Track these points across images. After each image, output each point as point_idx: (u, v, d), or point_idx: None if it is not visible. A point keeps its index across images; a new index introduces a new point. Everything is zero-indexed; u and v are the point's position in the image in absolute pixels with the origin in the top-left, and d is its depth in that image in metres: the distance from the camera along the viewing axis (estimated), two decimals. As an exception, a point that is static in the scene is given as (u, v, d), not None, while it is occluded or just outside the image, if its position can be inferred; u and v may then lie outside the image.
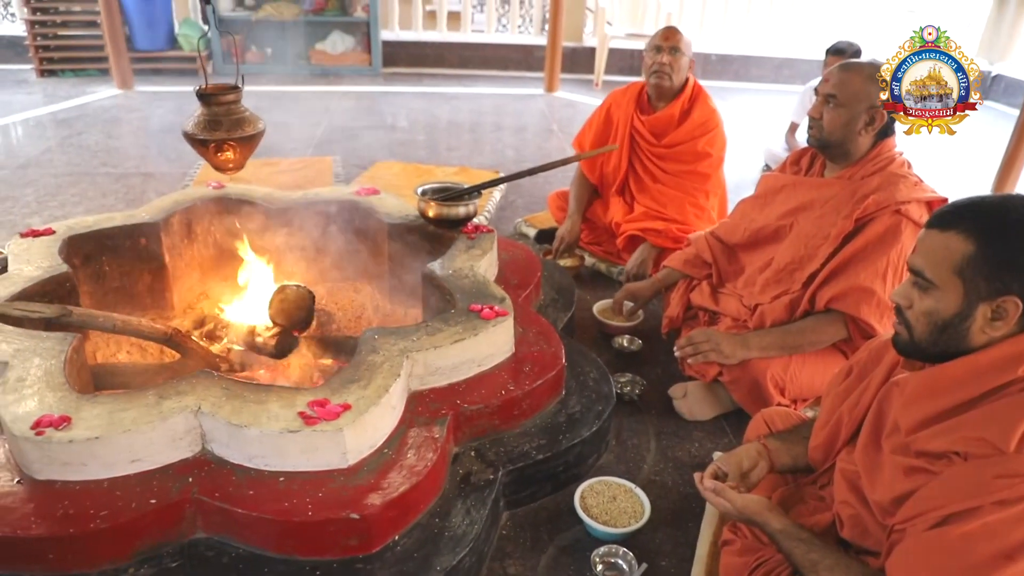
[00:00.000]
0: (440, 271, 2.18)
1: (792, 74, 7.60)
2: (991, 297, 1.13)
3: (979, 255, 1.13)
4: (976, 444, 1.11)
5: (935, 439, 1.17)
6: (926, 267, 1.19)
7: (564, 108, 6.35)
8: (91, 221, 2.38)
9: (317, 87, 6.45)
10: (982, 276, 1.13)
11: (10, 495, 1.47)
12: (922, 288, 1.20)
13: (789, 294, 2.12)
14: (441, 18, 7.57)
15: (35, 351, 1.71)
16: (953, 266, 1.15)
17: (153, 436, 1.51)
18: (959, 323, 1.17)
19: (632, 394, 2.28)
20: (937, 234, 1.18)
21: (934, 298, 1.18)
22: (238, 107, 2.17)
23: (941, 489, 1.13)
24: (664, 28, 3.01)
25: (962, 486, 1.10)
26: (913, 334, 1.23)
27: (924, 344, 1.22)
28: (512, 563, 1.68)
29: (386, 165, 4.43)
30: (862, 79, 1.97)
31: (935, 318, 1.18)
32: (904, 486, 1.20)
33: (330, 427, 1.52)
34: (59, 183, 3.96)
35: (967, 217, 1.17)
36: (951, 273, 1.15)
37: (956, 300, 1.16)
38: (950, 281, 1.16)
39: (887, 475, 1.24)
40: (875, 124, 2.00)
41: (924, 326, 1.20)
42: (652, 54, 2.98)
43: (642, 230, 3.01)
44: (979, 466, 1.10)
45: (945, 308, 1.17)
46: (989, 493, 1.06)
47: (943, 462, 1.16)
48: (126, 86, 6.00)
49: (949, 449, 1.15)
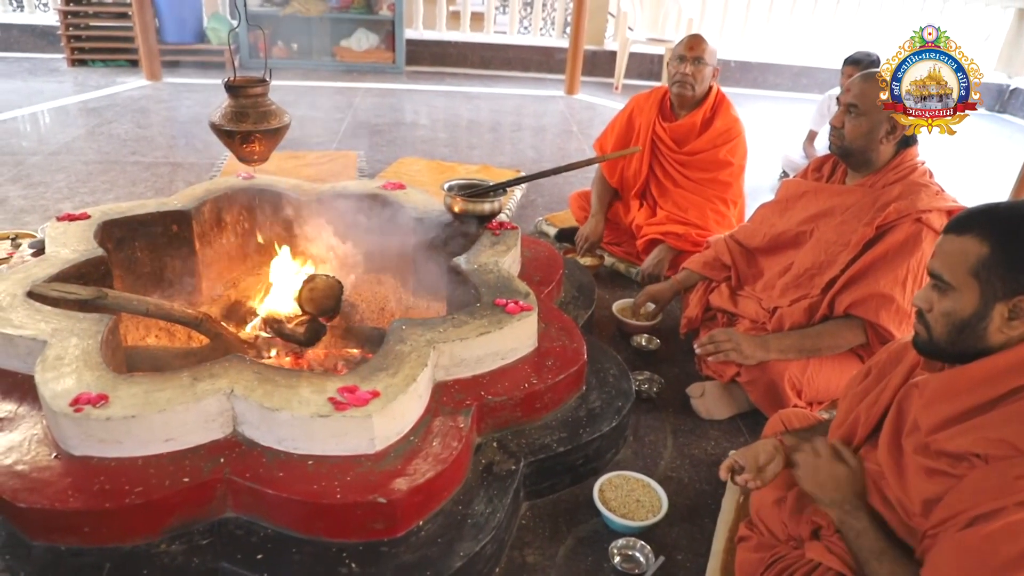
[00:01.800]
0: (466, 265, 2.22)
1: (810, 83, 7.59)
2: (1007, 297, 1.17)
3: (994, 256, 1.17)
4: (997, 445, 1.14)
5: (955, 439, 1.19)
6: (944, 270, 1.23)
7: (584, 110, 6.38)
8: (125, 207, 2.44)
9: (341, 83, 6.51)
10: (997, 276, 1.17)
11: (48, 469, 1.51)
12: (941, 291, 1.24)
13: (808, 298, 2.14)
14: (465, 18, 7.61)
15: (72, 331, 1.76)
16: (969, 268, 1.19)
17: (187, 417, 1.56)
18: (977, 323, 1.20)
19: (650, 392, 2.31)
20: (954, 238, 1.23)
21: (952, 299, 1.22)
22: (265, 100, 2.22)
23: (966, 493, 1.15)
24: (689, 37, 3.01)
25: (985, 488, 1.12)
26: (932, 335, 1.26)
27: (943, 344, 1.25)
28: (531, 552, 1.72)
29: (409, 161, 4.48)
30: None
31: (954, 319, 1.22)
32: (929, 489, 1.21)
33: (359, 413, 1.55)
34: (89, 170, 4.04)
35: (982, 221, 1.21)
36: (967, 275, 1.20)
37: (973, 301, 1.20)
38: (967, 282, 1.20)
39: (911, 476, 1.26)
40: (896, 132, 2.02)
41: (943, 327, 1.24)
42: (676, 63, 3.00)
43: (663, 233, 3.04)
44: (1001, 468, 1.12)
45: (963, 309, 1.21)
46: (1011, 494, 1.08)
47: (964, 465, 1.18)
48: (155, 77, 6.08)
49: (969, 450, 1.17)
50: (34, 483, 1.46)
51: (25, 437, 1.59)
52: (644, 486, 1.85)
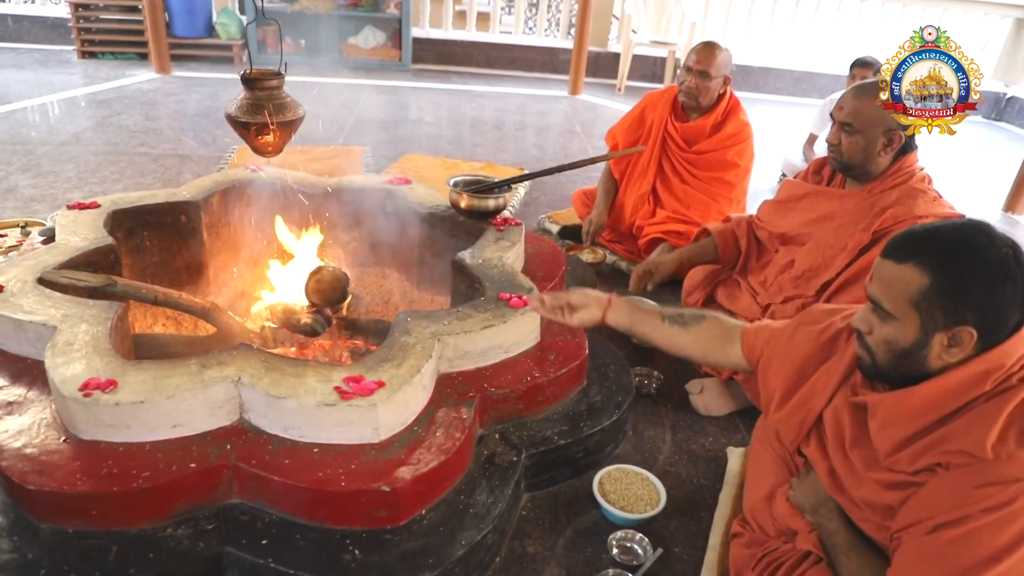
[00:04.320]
0: (470, 260, 2.24)
1: (811, 87, 7.62)
2: (947, 327, 1.16)
3: (934, 288, 1.16)
4: (956, 456, 1.16)
5: (914, 459, 1.21)
6: (884, 298, 1.22)
7: (587, 111, 6.41)
8: (134, 197, 2.46)
9: (348, 79, 6.53)
10: (938, 308, 1.16)
11: (57, 453, 1.53)
12: (881, 317, 1.23)
13: (802, 299, 2.17)
14: (471, 18, 7.64)
15: (82, 317, 1.79)
16: (910, 299, 1.18)
17: (194, 403, 1.58)
18: (917, 351, 1.21)
19: (650, 388, 2.34)
20: (893, 265, 1.21)
21: (892, 327, 1.22)
22: (280, 92, 2.23)
23: (930, 499, 1.17)
24: (700, 47, 2.99)
25: (948, 497, 1.14)
26: (875, 359, 1.27)
27: (886, 369, 1.26)
28: (531, 543, 1.74)
29: (415, 157, 4.50)
30: (876, 104, 2.00)
31: (895, 347, 1.23)
32: (892, 497, 1.24)
33: (364, 403, 1.58)
34: (99, 161, 4.06)
35: (922, 249, 1.19)
36: (908, 305, 1.19)
37: (913, 330, 1.20)
38: (907, 313, 1.19)
39: (866, 486, 1.29)
40: (893, 144, 2.04)
41: (884, 353, 1.25)
42: (684, 73, 3.02)
43: (664, 233, 3.06)
44: (962, 476, 1.14)
45: (904, 337, 1.21)
46: (975, 502, 1.11)
47: (925, 473, 1.20)
48: (164, 71, 6.11)
49: (931, 463, 1.19)
50: (43, 466, 1.49)
51: (34, 421, 1.61)
52: (643, 480, 1.88)
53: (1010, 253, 1.14)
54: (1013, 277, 1.13)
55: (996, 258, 1.14)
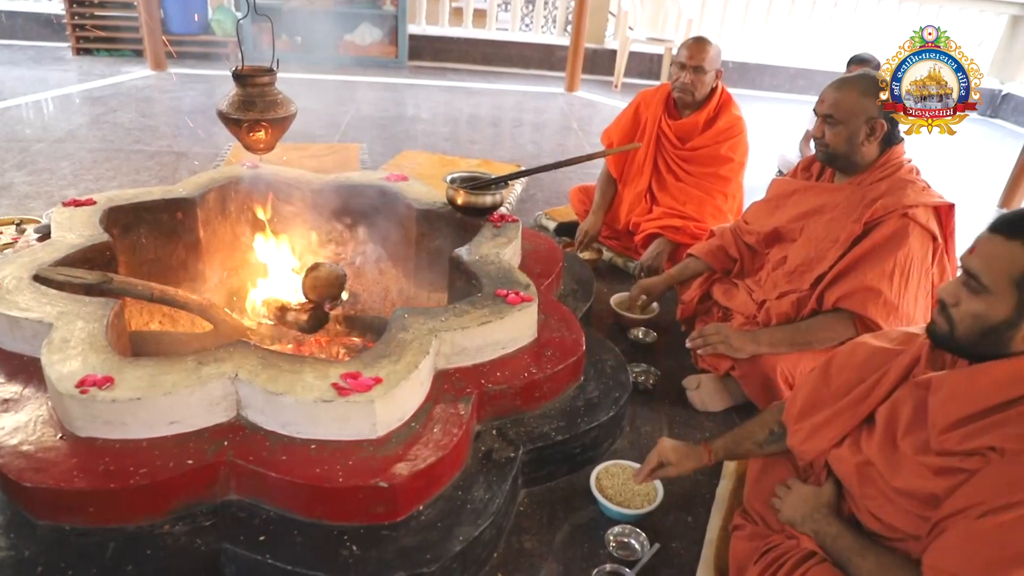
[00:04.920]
0: (467, 256, 2.24)
1: (807, 84, 7.63)
2: None
3: None
4: (1015, 441, 1.12)
5: (970, 439, 1.17)
6: (983, 272, 1.18)
7: (584, 107, 6.41)
8: (130, 194, 2.46)
9: (344, 76, 6.53)
10: None
11: (53, 450, 1.53)
12: (972, 290, 1.19)
13: (797, 293, 2.17)
14: (467, 15, 7.63)
15: (78, 314, 1.78)
16: (1012, 276, 1.14)
17: (192, 400, 1.58)
18: (1005, 330, 1.17)
19: (646, 383, 2.34)
20: (1002, 241, 1.17)
21: (985, 302, 1.17)
22: (272, 89, 2.23)
23: (983, 485, 1.13)
24: (691, 43, 3.00)
25: (1003, 481, 1.11)
26: (955, 331, 1.22)
27: (964, 343, 1.22)
28: (528, 538, 1.74)
29: (411, 154, 4.50)
30: (856, 94, 2.02)
31: (982, 322, 1.18)
32: (938, 484, 1.20)
33: (362, 399, 1.58)
34: (94, 158, 4.06)
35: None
36: (1008, 282, 1.15)
37: (1007, 309, 1.15)
38: (1006, 290, 1.15)
39: (910, 472, 1.26)
40: (876, 133, 2.05)
41: (969, 327, 1.20)
42: (676, 69, 3.03)
43: (660, 228, 3.07)
44: (1017, 461, 1.11)
45: (995, 314, 1.17)
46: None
47: (976, 458, 1.16)
48: (159, 67, 6.10)
49: (984, 445, 1.15)
50: (39, 463, 1.48)
51: (31, 418, 1.61)
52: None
53: None
54: None
55: None
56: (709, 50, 2.97)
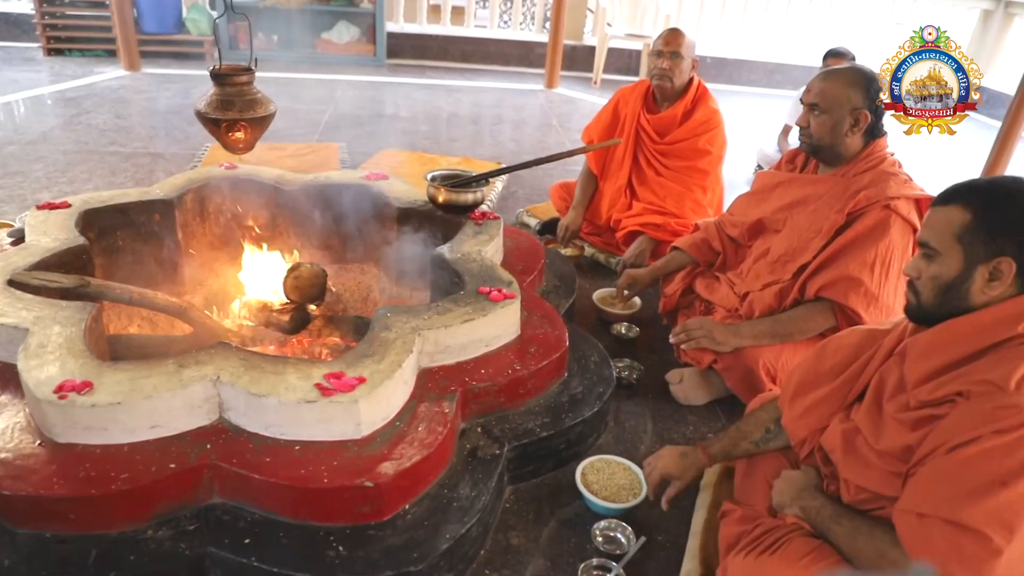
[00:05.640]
0: (449, 254, 2.24)
1: (784, 79, 7.69)
2: (987, 259, 1.25)
3: (975, 222, 1.26)
4: (979, 385, 1.20)
5: (940, 388, 1.26)
6: (931, 238, 1.31)
7: (564, 104, 6.41)
8: (106, 196, 2.43)
9: (322, 75, 6.48)
10: (979, 240, 1.25)
11: (32, 457, 1.51)
12: (928, 258, 1.32)
13: (779, 283, 2.19)
14: (445, 12, 7.61)
15: (55, 319, 1.76)
16: (954, 234, 1.28)
17: (173, 403, 1.56)
18: (960, 284, 1.28)
19: (630, 378, 2.35)
20: (940, 209, 1.32)
21: (938, 264, 1.30)
22: (251, 88, 2.22)
23: (947, 426, 1.21)
24: (666, 32, 3.04)
25: (964, 420, 1.19)
26: (920, 299, 1.34)
27: (930, 307, 1.33)
28: (515, 535, 1.75)
29: (391, 153, 4.48)
30: (841, 85, 2.05)
31: (939, 281, 1.30)
32: (914, 437, 1.28)
33: (346, 399, 1.57)
34: (68, 160, 4.00)
35: (964, 192, 1.30)
36: (952, 240, 1.28)
37: (957, 264, 1.28)
38: (952, 247, 1.28)
39: (891, 431, 1.33)
40: (860, 124, 2.07)
41: (930, 290, 1.32)
42: (654, 58, 3.04)
43: (641, 225, 3.08)
44: (980, 401, 1.19)
45: (948, 271, 1.29)
46: (988, 423, 1.15)
47: (947, 405, 1.24)
48: (133, 68, 6.01)
49: (952, 392, 1.24)
50: (18, 471, 1.46)
51: (8, 425, 1.59)
52: (625, 469, 1.89)
53: None
54: None
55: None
56: (685, 37, 3.00)
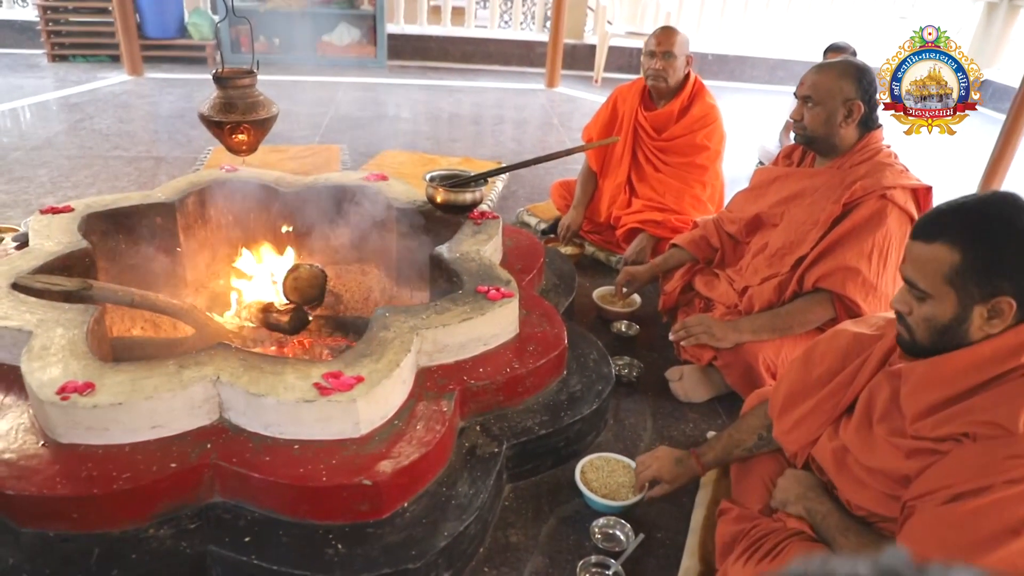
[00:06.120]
0: (448, 254, 2.25)
1: (786, 75, 7.67)
2: (985, 300, 1.16)
3: (966, 263, 1.15)
4: (985, 427, 1.14)
5: (942, 425, 1.19)
6: (918, 279, 1.21)
7: (565, 103, 6.42)
8: (109, 200, 2.45)
9: (323, 77, 6.50)
10: (972, 282, 1.15)
11: (36, 457, 1.53)
12: (917, 297, 1.23)
13: (778, 276, 2.20)
14: (445, 13, 7.62)
15: (58, 321, 1.78)
16: (943, 276, 1.18)
17: (174, 403, 1.58)
18: (957, 326, 1.19)
19: (630, 376, 2.36)
20: (923, 246, 1.21)
21: (931, 306, 1.21)
22: (253, 91, 2.23)
23: (952, 468, 1.15)
24: (658, 32, 3.04)
25: (973, 465, 1.13)
26: (915, 337, 1.26)
27: (927, 345, 1.25)
28: (514, 532, 1.76)
29: (392, 154, 4.49)
30: (833, 76, 2.06)
31: (934, 324, 1.21)
32: (910, 466, 1.23)
33: (344, 398, 1.58)
34: (72, 165, 4.02)
35: (950, 226, 1.18)
36: (942, 283, 1.18)
37: (951, 306, 1.19)
38: (943, 290, 1.18)
39: (883, 453, 1.29)
40: (854, 115, 2.08)
41: (925, 331, 1.23)
42: (647, 59, 3.05)
43: (641, 222, 3.09)
44: (990, 447, 1.12)
45: (942, 314, 1.20)
46: (999, 472, 1.09)
47: (949, 443, 1.18)
48: (136, 72, 6.05)
49: (957, 431, 1.17)
50: (22, 471, 1.48)
51: (12, 426, 1.61)
52: (625, 467, 1.90)
53: None
54: None
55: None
56: (676, 35, 3.00)
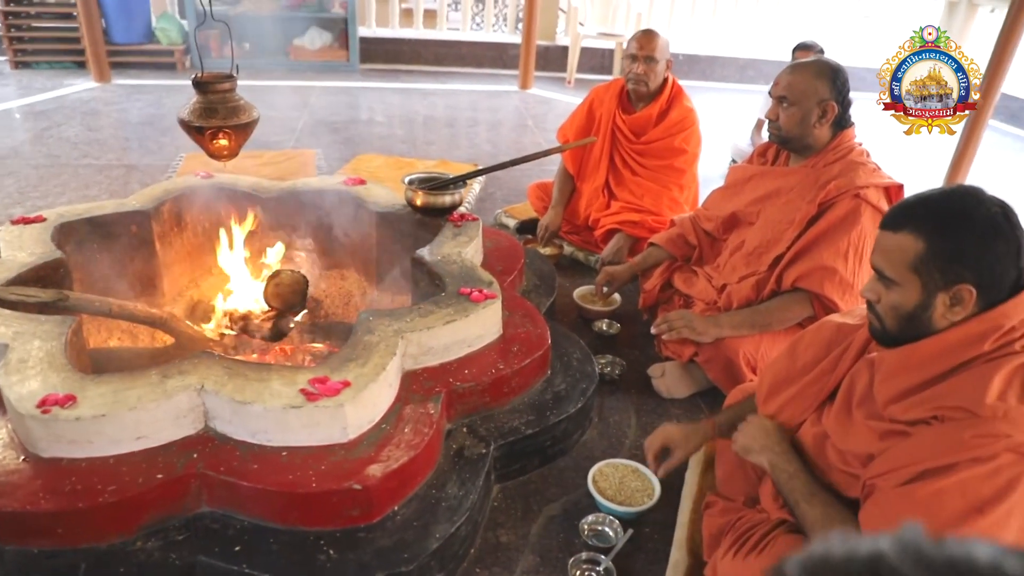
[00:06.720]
0: (429, 257, 2.25)
1: (756, 74, 7.77)
2: (947, 287, 1.21)
3: (929, 251, 1.22)
4: (952, 411, 1.19)
5: (911, 409, 1.25)
6: (885, 266, 1.28)
7: (538, 104, 6.43)
8: (82, 209, 2.41)
9: (296, 82, 6.45)
10: (936, 269, 1.21)
11: (17, 472, 1.50)
12: (885, 285, 1.28)
13: (756, 275, 2.23)
14: (417, 16, 7.60)
15: (35, 333, 1.75)
16: (908, 264, 1.24)
17: (158, 414, 1.56)
18: (922, 312, 1.25)
19: (612, 374, 2.38)
20: (890, 235, 1.27)
21: (897, 293, 1.27)
22: (233, 95, 2.21)
23: (915, 446, 1.20)
24: (640, 35, 3.06)
25: (938, 444, 1.17)
26: (884, 325, 1.32)
27: (895, 333, 1.30)
28: (504, 532, 1.77)
29: (368, 158, 4.47)
30: (808, 77, 2.09)
31: (900, 311, 1.27)
32: (879, 446, 1.27)
33: (331, 403, 1.58)
34: (40, 174, 3.95)
35: (915, 217, 1.25)
36: (907, 270, 1.24)
37: (916, 293, 1.24)
38: (908, 278, 1.24)
39: (859, 435, 1.33)
40: (827, 116, 2.11)
41: (892, 319, 1.29)
42: (628, 62, 3.07)
43: (619, 223, 3.11)
44: (956, 427, 1.17)
45: (907, 301, 1.26)
46: (966, 451, 1.13)
47: (919, 426, 1.23)
48: (103, 79, 5.94)
49: (927, 415, 1.22)
50: (2, 487, 1.46)
51: (-9, 442, 1.58)
52: (634, 471, 1.91)
53: (999, 212, 1.20)
54: (1004, 234, 1.19)
55: (985, 217, 1.20)
56: (658, 40, 3.02)
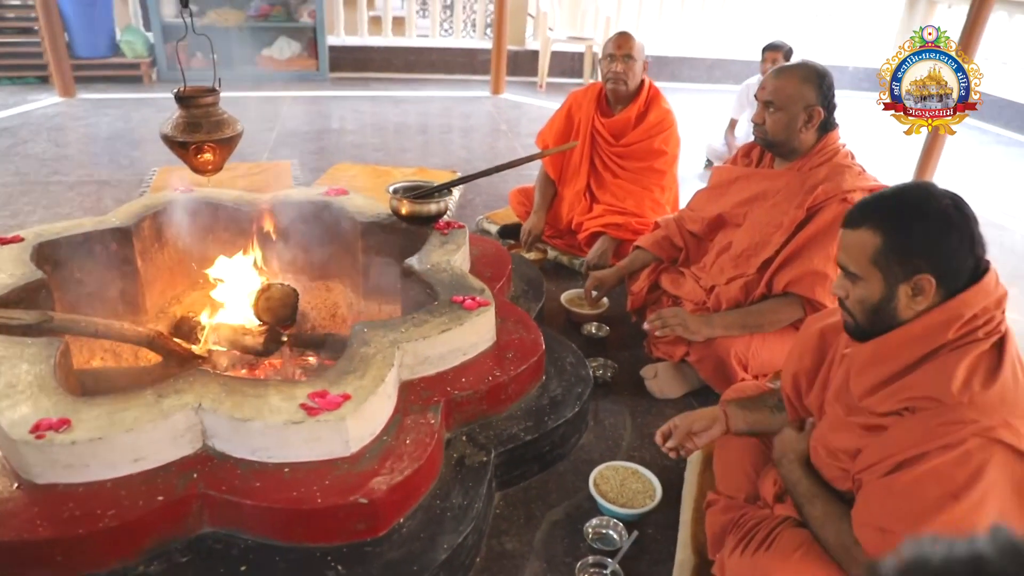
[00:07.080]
0: (419, 266, 2.24)
1: (724, 74, 7.87)
2: (907, 278, 1.27)
3: (887, 245, 1.27)
4: (922, 401, 1.24)
5: (884, 401, 1.30)
6: (848, 262, 1.33)
7: (511, 109, 6.45)
8: (60, 227, 2.36)
9: (266, 92, 6.38)
10: (895, 262, 1.27)
11: (11, 500, 1.47)
12: (851, 280, 1.34)
13: (744, 277, 2.26)
14: (386, 23, 7.58)
15: (22, 357, 1.71)
16: (869, 258, 1.29)
17: (155, 435, 1.54)
18: (887, 304, 1.30)
19: (605, 377, 2.39)
20: (851, 232, 1.33)
21: (862, 287, 1.32)
22: (217, 109, 2.18)
23: (892, 438, 1.25)
24: (617, 36, 3.09)
25: (911, 434, 1.23)
26: (856, 320, 1.37)
27: (865, 326, 1.36)
28: (509, 539, 1.77)
29: (344, 167, 4.45)
30: (796, 82, 2.12)
31: (866, 304, 1.33)
32: (863, 441, 1.32)
33: (332, 417, 1.57)
34: (9, 192, 3.86)
35: (871, 213, 1.31)
36: (869, 264, 1.30)
37: (879, 286, 1.30)
38: (870, 271, 1.30)
39: (843, 431, 1.38)
40: (814, 120, 2.14)
41: (860, 312, 1.35)
42: (607, 63, 3.09)
43: (603, 226, 3.12)
44: (925, 416, 1.22)
45: (872, 294, 1.31)
46: (935, 439, 1.19)
47: (893, 417, 1.29)
48: (68, 94, 5.82)
49: (899, 406, 1.28)
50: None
51: (-19, 470, 1.54)
52: (634, 473, 1.92)
53: (950, 204, 1.26)
54: (956, 224, 1.24)
55: (937, 209, 1.25)
56: (635, 40, 3.06)
